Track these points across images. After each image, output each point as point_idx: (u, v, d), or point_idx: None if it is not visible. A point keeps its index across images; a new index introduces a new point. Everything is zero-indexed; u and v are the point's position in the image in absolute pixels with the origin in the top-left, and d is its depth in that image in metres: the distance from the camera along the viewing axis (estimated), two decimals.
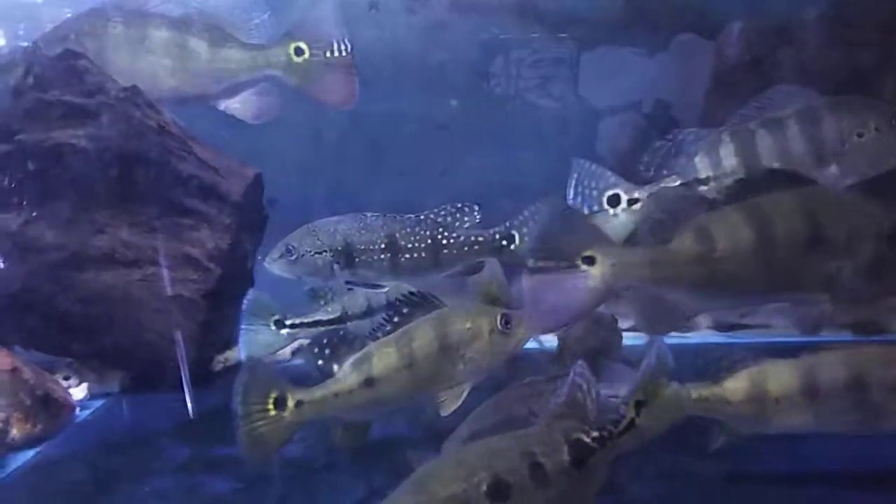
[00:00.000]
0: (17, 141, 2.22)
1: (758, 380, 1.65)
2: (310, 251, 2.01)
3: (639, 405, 1.54)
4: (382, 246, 2.00)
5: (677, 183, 1.81)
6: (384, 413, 1.75)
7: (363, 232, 2.01)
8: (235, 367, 2.66)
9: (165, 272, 2.37)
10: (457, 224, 2.01)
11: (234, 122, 2.70)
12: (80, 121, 2.26)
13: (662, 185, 1.80)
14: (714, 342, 2.64)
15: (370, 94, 3.07)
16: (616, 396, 1.60)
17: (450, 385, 1.70)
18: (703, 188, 1.80)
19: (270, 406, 1.66)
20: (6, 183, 2.20)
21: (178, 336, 2.33)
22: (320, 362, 1.71)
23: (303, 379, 1.71)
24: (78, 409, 2.32)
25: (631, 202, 1.79)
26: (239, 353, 2.70)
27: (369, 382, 1.68)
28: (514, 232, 2.03)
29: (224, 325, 2.69)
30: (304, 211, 2.91)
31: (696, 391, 1.65)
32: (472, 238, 2.02)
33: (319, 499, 1.76)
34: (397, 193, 2.96)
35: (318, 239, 2.02)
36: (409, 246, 2.00)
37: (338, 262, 1.99)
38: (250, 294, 2.08)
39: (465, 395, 1.70)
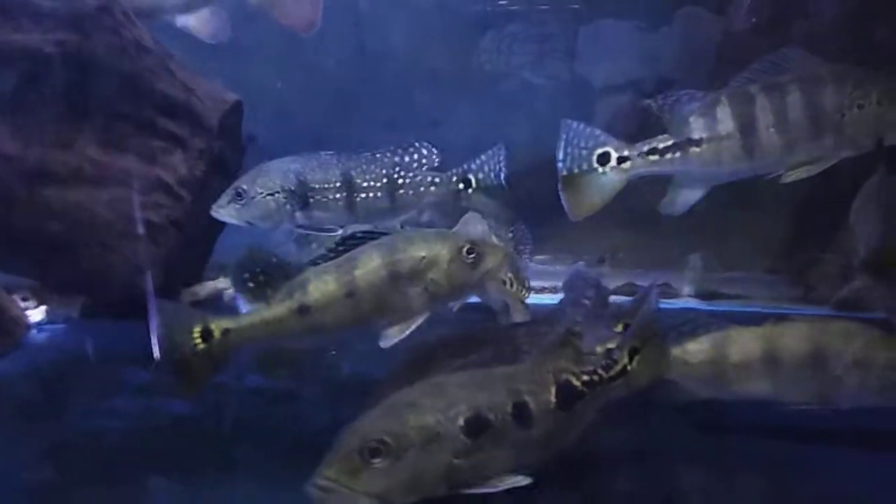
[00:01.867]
0: None
1: (719, 344, 1.63)
2: (261, 192, 1.87)
3: (634, 352, 1.48)
4: (338, 185, 1.89)
5: (669, 142, 1.76)
6: (324, 342, 1.65)
7: (317, 170, 1.89)
8: (204, 302, 2.58)
9: (134, 195, 2.27)
10: (414, 164, 1.92)
11: (216, 53, 2.61)
12: (51, 26, 2.12)
13: (654, 143, 1.76)
14: (692, 308, 2.60)
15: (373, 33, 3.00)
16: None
17: (402, 317, 1.57)
18: (694, 149, 1.75)
19: (197, 339, 1.57)
20: None
21: (144, 262, 2.24)
22: (251, 285, 1.59)
23: None
24: (35, 331, 2.24)
25: (621, 160, 1.74)
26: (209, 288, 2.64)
27: (303, 310, 1.57)
28: (470, 176, 1.94)
29: (194, 257, 2.60)
30: (284, 152, 2.84)
31: None
32: (430, 179, 1.93)
33: (279, 425, 1.68)
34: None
35: (270, 179, 1.88)
36: (365, 185, 1.90)
37: (291, 205, 1.87)
38: None
39: (413, 327, 1.58)
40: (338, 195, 1.89)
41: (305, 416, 1.73)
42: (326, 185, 1.88)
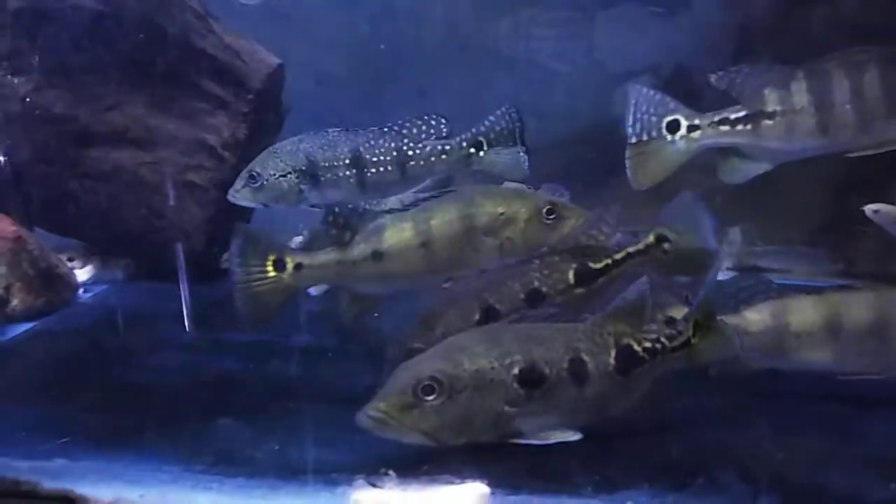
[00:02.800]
0: None
1: (779, 312, 1.59)
2: (274, 174, 1.87)
3: (697, 326, 1.46)
4: (347, 161, 1.87)
5: (741, 113, 1.72)
6: (395, 289, 1.66)
7: (326, 149, 1.88)
8: None
9: (178, 156, 2.28)
10: (422, 136, 1.89)
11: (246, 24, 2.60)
12: None
13: (725, 113, 1.72)
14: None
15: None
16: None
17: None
18: (767, 122, 1.72)
19: (269, 267, 1.61)
20: (17, 43, 2.09)
21: (187, 224, 2.25)
22: (333, 231, 1.64)
23: None
24: (82, 291, 2.26)
25: (691, 129, 1.69)
26: None
27: (377, 256, 1.60)
28: (481, 138, 1.90)
29: (234, 219, 2.61)
30: (318, 122, 2.83)
31: None
32: (440, 148, 1.89)
33: (329, 381, 1.68)
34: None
35: (280, 160, 1.88)
36: (375, 160, 1.88)
37: (303, 184, 1.87)
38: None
39: None
40: (348, 172, 1.88)
41: (354, 373, 1.73)
42: (336, 163, 1.88)
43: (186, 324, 2.05)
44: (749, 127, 1.69)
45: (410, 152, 1.89)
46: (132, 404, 1.46)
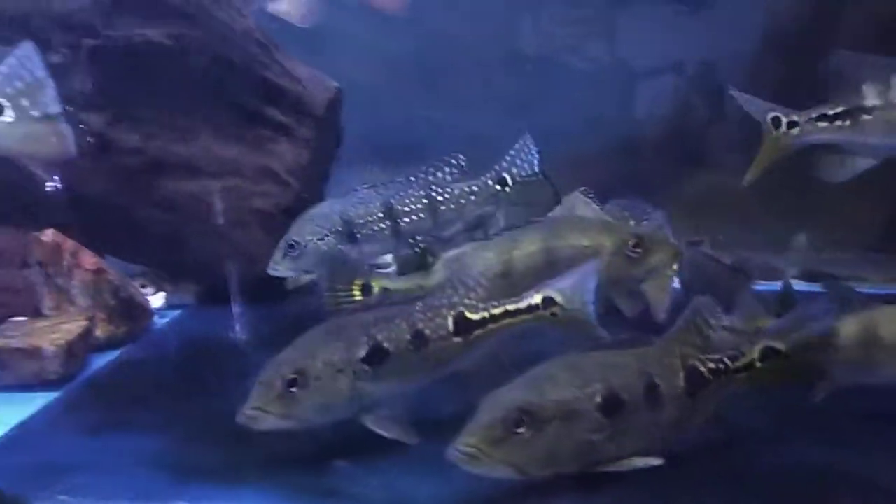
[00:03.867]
0: (106, 36, 2.14)
1: (869, 325, 1.54)
2: (311, 239, 1.90)
3: (767, 351, 1.46)
4: (380, 215, 1.91)
5: (839, 109, 1.67)
6: None
7: (359, 206, 1.92)
8: (306, 288, 2.63)
9: (246, 184, 2.33)
10: (448, 178, 1.93)
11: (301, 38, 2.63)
12: (168, 20, 2.18)
13: (824, 109, 1.68)
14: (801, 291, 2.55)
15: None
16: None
17: None
18: (866, 117, 1.65)
19: (356, 292, 1.66)
20: (92, 79, 2.14)
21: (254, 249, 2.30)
22: (416, 250, 1.70)
23: None
24: (156, 317, 2.32)
25: (791, 125, 1.67)
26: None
27: None
28: (504, 174, 1.94)
29: None
30: (370, 140, 2.86)
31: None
32: (467, 189, 1.93)
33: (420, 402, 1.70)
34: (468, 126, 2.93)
35: (316, 225, 1.92)
36: (407, 209, 1.92)
37: (341, 244, 1.90)
38: None
39: None
40: (382, 225, 1.92)
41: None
42: (370, 218, 1.92)
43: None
44: (848, 123, 1.65)
45: (440, 197, 1.93)
46: (239, 435, 1.47)
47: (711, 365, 1.43)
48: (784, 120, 1.66)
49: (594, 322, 1.51)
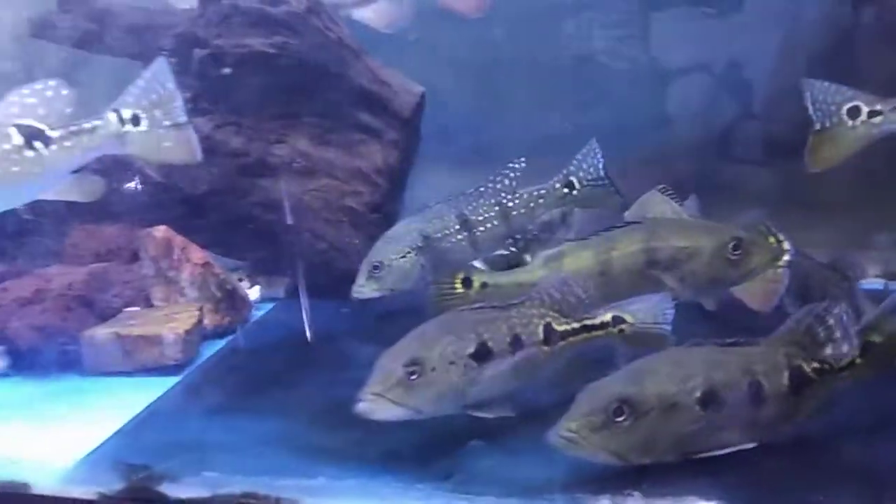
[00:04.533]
0: (216, 46, 2.29)
1: None
2: (395, 258, 2.01)
3: (866, 345, 1.50)
4: (457, 227, 2.01)
5: None
6: None
7: (435, 221, 2.02)
8: None
9: (338, 184, 2.45)
10: (514, 184, 2.01)
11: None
12: (269, 29, 2.31)
13: None
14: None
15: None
16: None
17: None
18: None
19: (458, 284, 1.76)
20: (201, 86, 2.29)
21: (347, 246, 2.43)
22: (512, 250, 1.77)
23: None
24: (254, 309, 2.47)
25: (871, 114, 1.66)
26: None
27: None
28: (572, 178, 2.03)
29: None
30: (444, 141, 2.96)
31: None
32: (536, 193, 2.02)
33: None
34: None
35: (397, 244, 2.03)
36: (481, 219, 2.01)
37: (423, 260, 1.99)
38: None
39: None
40: (459, 236, 2.02)
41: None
42: (447, 231, 2.02)
43: (308, 336, 2.22)
44: None
45: (510, 203, 2.03)
46: (357, 420, 1.53)
47: (816, 365, 1.48)
48: (865, 109, 1.65)
49: (666, 337, 1.57)
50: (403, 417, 1.48)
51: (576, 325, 1.56)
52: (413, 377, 1.46)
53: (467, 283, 1.76)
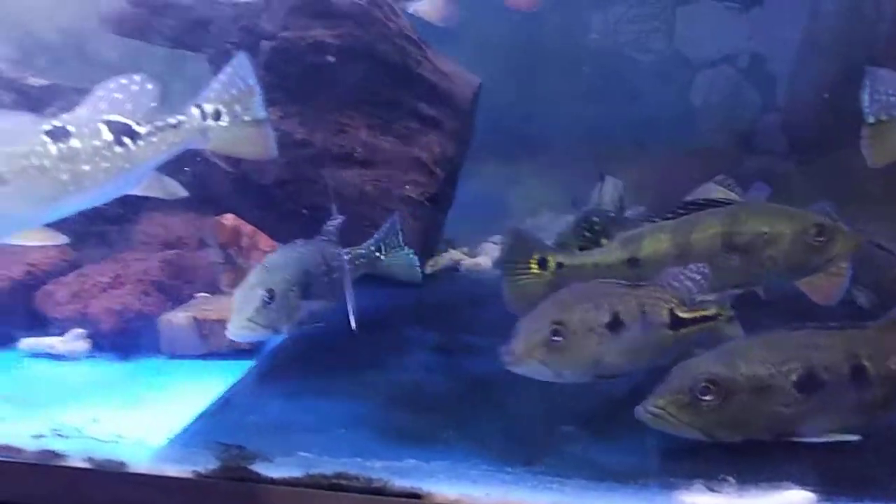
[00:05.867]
0: (283, 38, 2.34)
1: None
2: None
3: None
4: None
5: None
6: None
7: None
8: (443, 272, 2.80)
9: (397, 174, 2.50)
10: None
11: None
12: (334, 20, 2.35)
13: None
14: None
15: None
16: None
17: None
18: None
19: (533, 265, 1.78)
20: (267, 77, 2.33)
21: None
22: (587, 235, 1.81)
23: None
24: None
25: None
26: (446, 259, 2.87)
27: (633, 262, 1.69)
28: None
29: (436, 230, 2.83)
30: (496, 132, 2.99)
31: None
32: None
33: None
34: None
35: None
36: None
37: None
38: None
39: None
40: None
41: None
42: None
43: (353, 324, 2.27)
44: None
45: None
46: (434, 404, 1.64)
47: None
48: None
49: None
50: (548, 378, 1.49)
51: (696, 314, 1.56)
52: (556, 338, 1.47)
53: (543, 263, 1.77)
